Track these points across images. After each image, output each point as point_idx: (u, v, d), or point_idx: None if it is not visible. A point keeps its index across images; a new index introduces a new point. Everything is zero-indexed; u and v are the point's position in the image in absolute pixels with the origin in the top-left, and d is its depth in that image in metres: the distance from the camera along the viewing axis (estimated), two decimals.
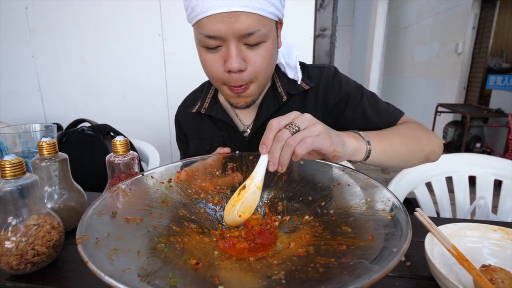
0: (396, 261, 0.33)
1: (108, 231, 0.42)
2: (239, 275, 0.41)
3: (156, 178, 0.59)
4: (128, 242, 0.42)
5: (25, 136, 0.78)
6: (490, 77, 3.26)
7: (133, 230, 0.45)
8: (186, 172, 0.62)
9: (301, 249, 0.45)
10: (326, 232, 0.48)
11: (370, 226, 0.44)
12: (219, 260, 0.45)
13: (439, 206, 1.00)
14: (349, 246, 0.42)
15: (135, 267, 0.37)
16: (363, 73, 4.33)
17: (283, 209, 0.59)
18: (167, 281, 0.35)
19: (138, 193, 0.54)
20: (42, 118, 2.09)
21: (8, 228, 0.47)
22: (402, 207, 0.44)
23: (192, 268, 0.40)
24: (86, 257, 0.35)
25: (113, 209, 0.48)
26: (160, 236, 0.46)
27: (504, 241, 0.51)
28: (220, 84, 0.66)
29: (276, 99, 0.75)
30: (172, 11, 1.84)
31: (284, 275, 0.38)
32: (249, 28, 0.57)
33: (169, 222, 0.51)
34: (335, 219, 0.50)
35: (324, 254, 0.42)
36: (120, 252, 0.39)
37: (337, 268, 0.38)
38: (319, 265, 0.39)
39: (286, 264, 0.42)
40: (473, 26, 3.55)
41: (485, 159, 0.99)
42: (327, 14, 1.71)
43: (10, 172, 0.47)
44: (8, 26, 1.96)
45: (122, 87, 2.00)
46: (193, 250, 0.46)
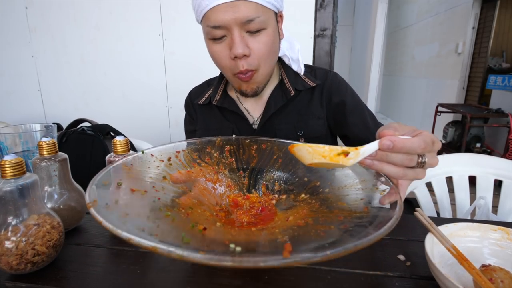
0: (394, 222, 0.35)
1: (115, 199, 0.43)
2: (245, 238, 0.42)
3: (156, 156, 0.60)
4: (136, 209, 0.43)
5: (25, 136, 0.78)
6: (490, 77, 3.25)
7: (139, 200, 0.46)
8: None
9: (300, 221, 0.46)
10: (322, 207, 0.50)
11: (364, 201, 0.47)
12: (223, 228, 0.46)
13: (439, 206, 1.00)
14: (346, 217, 0.43)
15: (148, 228, 0.38)
16: (363, 73, 4.33)
17: (280, 189, 0.61)
18: (180, 240, 0.36)
19: (140, 168, 0.55)
20: (42, 118, 2.09)
21: (8, 228, 0.47)
22: (393, 183, 0.46)
23: (200, 232, 0.41)
24: (100, 218, 0.36)
25: (118, 180, 0.48)
26: (166, 206, 0.47)
27: (504, 241, 0.51)
28: (230, 74, 0.71)
29: (284, 94, 0.81)
30: (172, 11, 1.84)
31: (288, 238, 0.39)
32: (249, 15, 0.63)
33: (172, 196, 0.52)
34: (331, 197, 0.52)
35: (323, 223, 0.43)
36: (130, 217, 0.39)
37: (338, 232, 0.39)
38: (320, 230, 0.40)
39: (287, 232, 0.42)
40: (473, 26, 3.55)
41: (485, 159, 0.99)
42: (327, 14, 1.71)
43: (10, 172, 0.47)
44: (8, 26, 1.96)
45: (122, 87, 2.00)
46: (197, 219, 0.47)
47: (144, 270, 0.50)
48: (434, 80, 4.27)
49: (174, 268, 0.51)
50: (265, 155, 0.65)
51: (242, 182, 0.63)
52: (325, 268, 0.51)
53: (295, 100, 0.81)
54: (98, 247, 0.57)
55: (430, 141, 0.41)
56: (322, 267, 0.51)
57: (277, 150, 0.66)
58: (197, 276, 0.50)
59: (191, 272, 0.50)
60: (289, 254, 0.30)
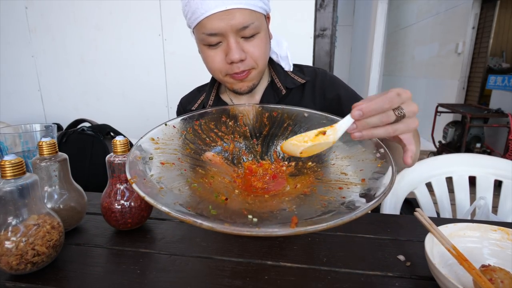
0: (383, 197, 0.42)
1: (151, 173, 0.49)
2: (259, 208, 0.48)
3: (178, 128, 0.65)
4: (168, 181, 0.49)
5: (25, 136, 0.78)
6: (490, 77, 3.25)
7: (169, 172, 0.52)
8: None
9: (306, 189, 0.53)
10: (327, 177, 0.56)
11: (362, 172, 0.52)
12: (241, 197, 0.53)
13: (439, 206, 1.00)
14: (345, 187, 0.50)
15: (181, 201, 0.44)
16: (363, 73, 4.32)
17: (289, 156, 0.65)
18: (208, 212, 0.42)
19: (165, 141, 0.60)
20: (42, 118, 2.09)
21: (8, 228, 0.47)
22: (390, 156, 0.51)
23: (222, 202, 0.48)
24: (143, 193, 0.41)
25: (149, 154, 0.54)
26: (192, 178, 0.53)
27: (504, 241, 0.51)
28: (222, 76, 0.73)
29: (276, 93, 0.82)
30: (172, 11, 1.84)
31: (295, 208, 0.46)
32: (244, 22, 0.65)
33: (195, 166, 0.58)
34: (334, 165, 0.57)
35: (325, 193, 0.50)
36: (165, 190, 0.45)
37: (336, 203, 0.46)
38: (323, 201, 0.47)
39: (295, 200, 0.50)
40: (473, 26, 3.55)
41: (485, 159, 0.99)
42: (327, 14, 1.71)
43: (10, 172, 0.47)
44: (8, 26, 1.96)
45: (122, 87, 2.00)
46: (218, 188, 0.53)
47: (144, 270, 0.51)
48: (434, 80, 4.27)
49: (174, 268, 0.51)
50: (276, 122, 0.70)
51: (255, 150, 0.68)
52: (325, 268, 0.51)
53: (286, 99, 0.82)
54: (98, 247, 0.57)
55: (394, 94, 0.43)
56: (322, 267, 0.51)
57: (287, 117, 0.69)
58: (197, 276, 0.50)
59: (191, 272, 0.50)
60: (295, 226, 0.37)
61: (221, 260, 0.53)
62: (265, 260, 0.53)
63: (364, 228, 0.62)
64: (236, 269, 0.51)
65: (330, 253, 0.55)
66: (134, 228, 0.63)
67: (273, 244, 0.57)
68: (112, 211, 0.60)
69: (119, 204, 0.60)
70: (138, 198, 0.61)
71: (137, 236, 0.61)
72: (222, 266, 0.52)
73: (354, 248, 0.56)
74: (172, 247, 0.57)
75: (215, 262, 0.53)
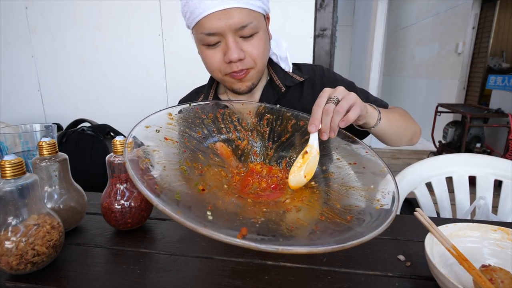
0: (348, 246, 0.38)
1: (148, 144, 0.51)
2: (231, 209, 0.46)
3: (200, 111, 0.66)
4: (160, 156, 0.50)
5: (25, 136, 0.78)
6: (490, 77, 3.25)
7: (167, 148, 0.53)
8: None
9: (291, 206, 0.51)
10: (319, 202, 0.53)
11: (356, 209, 0.49)
12: (224, 193, 0.51)
13: (439, 206, 1.00)
14: (327, 219, 0.47)
15: (158, 176, 0.45)
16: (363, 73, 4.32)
17: None
18: (173, 195, 0.42)
19: (181, 120, 0.62)
20: (42, 118, 2.09)
21: (8, 228, 0.47)
22: (394, 203, 0.48)
23: (198, 191, 0.48)
24: (126, 160, 0.43)
25: (157, 127, 0.56)
26: (186, 160, 0.54)
27: (504, 241, 0.51)
28: (221, 75, 0.73)
29: (275, 91, 0.82)
30: (172, 11, 1.84)
31: (262, 222, 0.43)
32: (242, 22, 0.65)
33: (198, 150, 0.59)
34: (334, 193, 0.55)
35: (303, 217, 0.47)
36: (150, 162, 0.47)
37: (304, 231, 0.43)
38: (293, 224, 0.44)
39: (267, 214, 0.47)
40: (473, 26, 3.55)
41: (485, 159, 0.99)
42: (327, 14, 1.71)
43: (10, 172, 0.47)
44: (8, 26, 1.95)
45: (122, 87, 2.00)
46: (208, 178, 0.53)
47: (144, 270, 0.51)
48: (434, 80, 4.27)
49: (174, 268, 0.51)
50: (299, 132, 0.69)
51: (267, 153, 0.68)
52: (325, 268, 0.51)
53: (286, 97, 0.83)
54: (98, 247, 0.57)
55: (322, 96, 0.55)
56: (322, 267, 0.51)
57: None
58: (197, 276, 0.50)
59: (191, 272, 0.50)
60: (241, 237, 0.36)
61: (221, 260, 0.53)
62: (265, 260, 0.53)
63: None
64: (236, 269, 0.51)
65: (330, 253, 0.55)
66: (134, 228, 0.63)
67: None
68: (112, 211, 0.60)
69: (119, 204, 0.60)
70: (138, 198, 0.61)
71: (137, 236, 0.61)
72: (222, 266, 0.52)
73: (354, 248, 0.56)
74: (172, 247, 0.57)
75: (215, 262, 0.53)
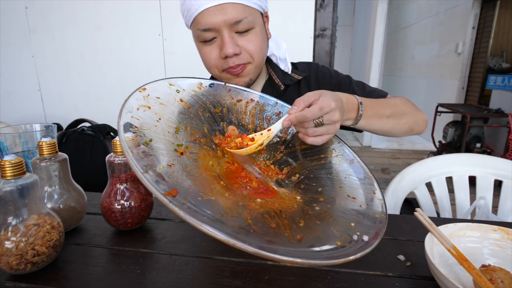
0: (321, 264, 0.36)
1: (159, 96, 0.54)
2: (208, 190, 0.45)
3: (232, 93, 0.69)
4: (163, 111, 0.53)
5: (25, 136, 0.78)
6: (490, 77, 3.25)
7: (174, 108, 0.57)
8: None
9: (258, 207, 0.47)
10: (288, 212, 0.48)
11: (315, 235, 0.43)
12: (202, 168, 0.51)
13: (439, 206, 1.00)
14: (276, 227, 0.42)
15: (154, 135, 0.47)
16: (363, 73, 4.33)
17: (295, 181, 0.61)
18: (155, 168, 0.42)
19: (207, 93, 0.65)
20: (42, 118, 2.09)
21: (8, 228, 0.47)
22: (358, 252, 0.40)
23: (174, 151, 0.49)
24: (121, 123, 0.44)
25: (180, 89, 0.61)
26: (187, 125, 0.56)
27: (504, 241, 0.51)
28: (219, 72, 0.74)
29: (274, 89, 0.83)
30: (172, 11, 1.84)
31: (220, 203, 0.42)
32: (237, 17, 0.66)
33: (206, 123, 0.61)
34: (312, 214, 0.49)
35: (254, 220, 0.43)
36: (151, 111, 0.50)
37: (247, 227, 0.40)
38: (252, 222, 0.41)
39: (233, 202, 0.45)
40: (473, 26, 3.55)
41: (485, 159, 0.99)
42: (327, 14, 1.70)
43: (10, 172, 0.47)
44: (8, 26, 1.95)
45: (122, 87, 2.00)
46: (203, 153, 0.54)
47: (144, 270, 0.51)
48: (434, 80, 4.27)
49: (174, 268, 0.51)
50: (318, 148, 0.66)
51: (274, 154, 0.67)
52: (325, 268, 0.51)
53: (284, 96, 0.83)
54: (98, 247, 0.57)
55: (317, 109, 0.52)
56: (322, 267, 0.51)
57: (331, 152, 0.64)
58: (197, 276, 0.50)
59: (191, 272, 0.50)
60: (168, 195, 0.37)
61: (221, 260, 0.53)
62: (265, 260, 0.53)
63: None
64: (236, 269, 0.51)
65: None
66: (134, 228, 0.63)
67: None
68: (112, 211, 0.60)
69: (119, 204, 0.60)
70: (138, 198, 0.61)
71: (137, 236, 0.61)
72: (222, 266, 0.52)
73: None
74: (172, 247, 0.57)
75: (215, 262, 0.53)
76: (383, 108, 0.70)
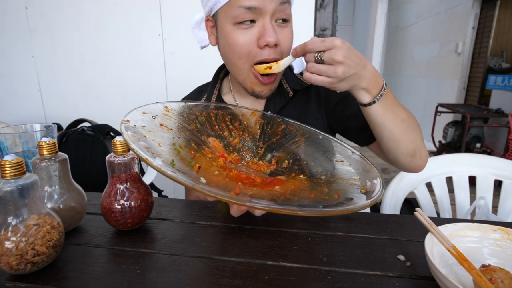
0: (339, 212, 0.44)
1: (144, 125, 0.54)
2: (220, 182, 0.52)
3: (195, 109, 0.70)
4: (155, 136, 0.54)
5: (25, 136, 0.78)
6: (490, 77, 3.26)
7: (162, 133, 0.57)
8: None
9: (281, 190, 0.55)
10: (308, 188, 0.57)
11: (343, 193, 0.53)
12: (215, 176, 0.56)
13: (439, 206, 1.00)
14: (315, 196, 0.52)
15: (153, 149, 0.48)
16: None
17: (287, 166, 0.67)
18: (168, 162, 0.47)
19: (176, 113, 0.66)
20: (42, 118, 2.09)
21: (8, 228, 0.47)
22: (380, 191, 0.51)
23: (191, 167, 0.52)
24: (124, 131, 0.47)
25: (153, 114, 0.60)
26: (180, 144, 0.57)
27: (504, 241, 0.51)
28: (249, 65, 0.68)
29: (282, 96, 0.80)
30: (172, 11, 1.84)
31: (253, 191, 0.50)
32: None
33: (191, 140, 0.62)
34: (323, 182, 0.59)
35: (291, 193, 0.52)
36: (147, 139, 0.51)
37: (294, 202, 0.49)
38: (283, 197, 0.50)
39: (259, 192, 0.52)
40: (473, 26, 3.55)
41: (485, 159, 0.99)
42: (327, 14, 1.71)
43: (10, 172, 0.47)
44: (8, 26, 1.96)
45: (122, 87, 2.00)
46: (200, 163, 0.56)
47: (144, 270, 0.51)
48: (434, 80, 4.27)
49: (174, 268, 0.51)
50: (289, 135, 0.72)
51: (257, 151, 0.72)
52: (325, 268, 0.51)
53: (292, 101, 0.80)
54: (98, 247, 0.57)
55: (318, 40, 0.54)
56: (322, 267, 0.51)
57: (301, 134, 0.71)
58: (197, 276, 0.50)
59: (191, 272, 0.50)
60: (234, 194, 0.42)
61: (221, 260, 0.53)
62: (265, 260, 0.53)
63: (364, 228, 0.62)
64: (236, 269, 0.51)
65: (330, 253, 0.55)
66: (134, 228, 0.63)
67: (273, 244, 0.57)
68: (112, 211, 0.60)
69: (119, 204, 0.60)
70: (138, 198, 0.61)
71: (137, 236, 0.61)
72: (222, 266, 0.52)
73: (354, 248, 0.56)
74: (172, 247, 0.57)
75: (215, 262, 0.53)
76: (400, 109, 0.64)
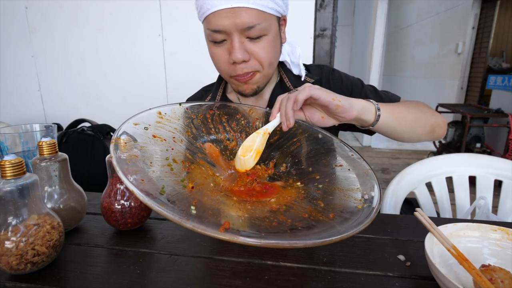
0: (328, 241, 0.39)
1: (136, 140, 0.52)
2: (213, 205, 0.48)
3: (190, 111, 0.67)
4: (147, 153, 0.51)
5: (25, 136, 0.78)
6: (490, 77, 3.25)
7: (155, 146, 0.54)
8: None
9: (276, 205, 0.52)
10: (304, 201, 0.54)
11: (338, 209, 0.50)
12: (210, 190, 0.53)
13: (439, 206, 1.00)
14: (309, 216, 0.48)
15: (143, 172, 0.45)
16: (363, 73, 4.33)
17: (285, 170, 0.65)
18: (157, 191, 0.43)
19: (170, 118, 0.63)
20: (42, 118, 2.09)
21: (8, 228, 0.47)
22: (375, 204, 0.49)
23: (184, 188, 0.49)
24: (113, 154, 0.44)
25: (146, 124, 0.57)
26: (174, 158, 0.55)
27: (504, 241, 0.51)
28: (227, 77, 0.72)
29: (284, 92, 0.78)
30: (172, 11, 1.84)
31: (245, 218, 0.46)
32: (249, 22, 0.62)
33: (186, 149, 0.60)
34: (320, 193, 0.56)
35: (287, 215, 0.48)
36: (138, 159, 0.48)
37: (286, 227, 0.44)
38: (276, 220, 0.46)
39: (251, 212, 0.49)
40: (473, 26, 3.55)
41: (485, 159, 0.99)
42: (327, 14, 1.71)
43: (10, 172, 0.47)
44: (8, 26, 1.96)
45: (122, 87, 2.00)
46: (194, 176, 0.54)
47: (144, 270, 0.51)
48: (434, 80, 4.27)
49: (174, 268, 0.51)
50: (288, 135, 0.69)
51: None
52: (325, 268, 0.51)
53: None
54: (98, 247, 0.57)
55: (283, 98, 0.60)
56: (322, 267, 0.51)
57: (300, 133, 0.69)
58: (197, 276, 0.50)
59: (191, 272, 0.50)
60: (224, 230, 0.37)
61: (221, 260, 0.53)
62: (265, 260, 0.53)
63: (364, 228, 0.62)
64: (236, 269, 0.51)
65: (330, 253, 0.55)
66: (134, 228, 0.63)
67: None
68: (112, 211, 0.60)
69: (119, 204, 0.60)
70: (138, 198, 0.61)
71: (137, 236, 0.61)
72: (222, 266, 0.52)
73: (354, 248, 0.56)
74: (172, 247, 0.57)
75: (215, 262, 0.53)
76: (398, 106, 0.69)
